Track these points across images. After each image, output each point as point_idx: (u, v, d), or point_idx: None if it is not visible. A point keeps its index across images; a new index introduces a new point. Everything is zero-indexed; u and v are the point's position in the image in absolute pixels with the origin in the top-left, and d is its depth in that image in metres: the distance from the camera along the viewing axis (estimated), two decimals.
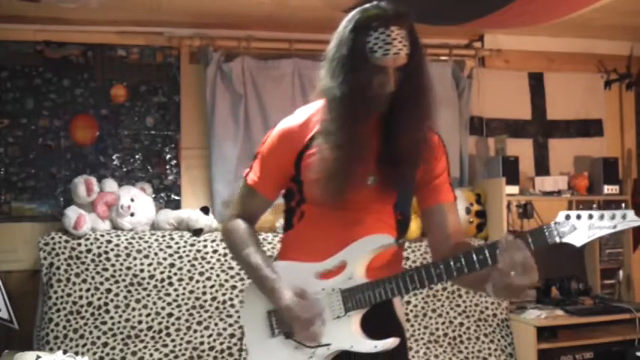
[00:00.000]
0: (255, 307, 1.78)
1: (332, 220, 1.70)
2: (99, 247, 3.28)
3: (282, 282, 1.69)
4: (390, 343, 1.61)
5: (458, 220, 1.80)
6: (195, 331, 3.27)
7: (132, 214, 3.45)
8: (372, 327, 1.64)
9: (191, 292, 3.32)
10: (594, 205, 4.37)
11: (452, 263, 1.56)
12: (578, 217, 1.48)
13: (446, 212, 1.76)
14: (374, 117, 1.66)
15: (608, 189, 4.00)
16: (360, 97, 1.60)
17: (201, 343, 3.26)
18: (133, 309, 3.23)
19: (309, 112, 1.75)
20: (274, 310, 1.72)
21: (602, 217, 1.47)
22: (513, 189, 3.83)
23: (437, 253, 1.78)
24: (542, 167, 4.25)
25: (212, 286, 3.35)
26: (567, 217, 1.48)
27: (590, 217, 1.47)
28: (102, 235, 3.33)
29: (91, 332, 3.16)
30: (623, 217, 1.46)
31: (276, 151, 1.76)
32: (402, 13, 1.60)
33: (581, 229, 1.48)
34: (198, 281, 3.34)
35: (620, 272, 4.17)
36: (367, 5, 1.64)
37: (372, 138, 1.66)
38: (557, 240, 1.49)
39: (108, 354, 3.13)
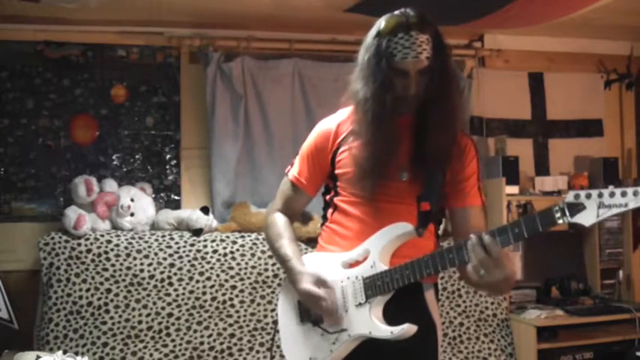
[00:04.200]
0: (288, 297, 1.90)
1: (361, 211, 1.80)
2: (99, 247, 3.28)
3: (305, 271, 1.78)
4: (406, 328, 1.65)
5: (482, 225, 1.83)
6: (195, 331, 3.27)
7: (132, 214, 3.45)
8: (404, 322, 1.68)
9: (191, 292, 3.32)
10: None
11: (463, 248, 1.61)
12: (588, 195, 1.41)
13: (469, 216, 1.83)
14: (405, 117, 1.76)
15: None
16: (383, 99, 1.70)
17: (201, 343, 3.26)
18: (133, 309, 3.23)
19: (347, 112, 1.86)
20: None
21: (612, 194, 1.39)
22: (513, 189, 3.83)
23: None
24: (542, 167, 4.25)
25: (212, 286, 3.35)
26: (577, 197, 1.43)
27: (601, 195, 1.41)
28: (102, 235, 3.33)
29: (91, 332, 3.16)
30: (635, 193, 1.38)
31: (314, 148, 1.90)
32: (424, 19, 1.69)
33: (590, 208, 1.41)
34: (198, 281, 3.34)
35: (620, 272, 4.16)
36: (391, 13, 1.73)
37: (404, 137, 1.76)
38: (566, 220, 1.44)
39: (108, 354, 3.13)
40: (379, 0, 1.75)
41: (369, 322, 1.70)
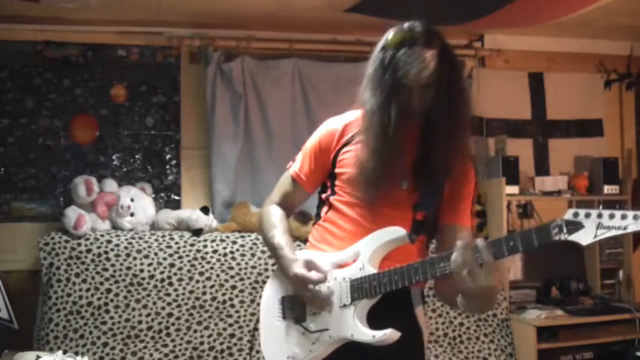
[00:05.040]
0: (273, 292, 1.89)
1: (356, 212, 1.79)
2: (99, 247, 3.28)
3: (297, 257, 1.78)
4: (389, 334, 1.62)
5: None
6: (195, 331, 3.27)
7: (132, 214, 3.45)
8: (387, 326, 1.65)
9: (191, 292, 3.32)
10: (600, 206, 4.34)
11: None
12: (587, 215, 1.39)
13: (457, 234, 1.77)
14: (413, 128, 1.75)
15: (608, 189, 4.00)
16: (389, 112, 1.69)
17: (201, 343, 3.25)
18: (133, 309, 3.23)
19: (355, 115, 1.84)
20: (288, 296, 1.83)
21: (612, 216, 1.37)
22: (513, 189, 3.83)
23: None
24: (542, 167, 4.25)
25: (212, 286, 3.35)
26: (575, 215, 1.40)
27: (600, 215, 1.38)
28: (102, 235, 3.33)
29: (91, 332, 3.16)
30: (635, 217, 1.35)
31: (318, 147, 1.89)
32: (431, 34, 1.67)
33: (588, 227, 1.39)
34: (198, 281, 3.34)
35: (620, 272, 4.16)
36: (400, 25, 1.72)
37: (411, 145, 1.75)
38: (563, 238, 1.41)
39: (108, 354, 3.13)
40: (379, 0, 1.75)
41: (352, 324, 1.67)
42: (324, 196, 1.91)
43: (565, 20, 3.49)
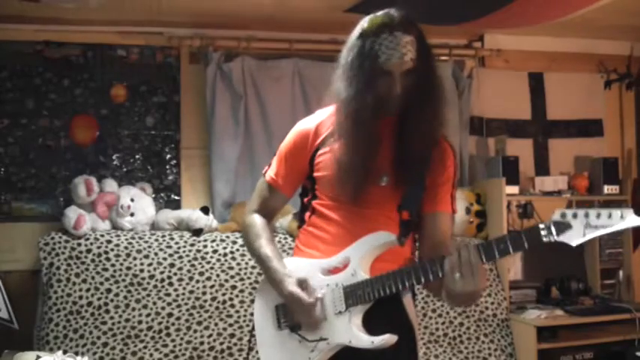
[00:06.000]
0: (265, 301, 1.85)
1: (340, 215, 1.77)
2: (99, 247, 3.28)
3: (289, 273, 1.74)
4: (387, 339, 1.62)
5: (449, 232, 1.81)
6: (195, 331, 3.27)
7: (132, 214, 3.45)
8: (381, 327, 1.65)
9: (191, 292, 3.32)
10: (596, 203, 4.31)
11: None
12: (575, 215, 1.42)
13: (438, 222, 1.80)
14: (389, 120, 1.73)
15: (608, 189, 4.00)
16: (367, 100, 1.67)
17: (201, 343, 3.25)
18: (133, 309, 3.23)
19: (326, 113, 1.84)
20: (282, 304, 1.79)
21: (598, 215, 1.39)
22: (513, 189, 3.83)
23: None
24: (542, 167, 4.25)
25: (212, 286, 3.35)
26: (563, 216, 1.43)
27: (587, 215, 1.41)
28: (102, 235, 3.33)
29: (91, 332, 3.16)
30: (622, 216, 1.38)
31: (292, 149, 1.86)
32: (408, 19, 1.66)
33: (576, 228, 1.42)
34: (198, 281, 3.34)
35: (620, 272, 4.16)
36: (374, 14, 1.71)
37: (387, 140, 1.72)
38: (552, 239, 1.44)
39: (108, 354, 3.13)
40: (379, 0, 1.74)
41: (349, 331, 1.66)
42: (305, 200, 1.89)
43: (565, 20, 3.49)
